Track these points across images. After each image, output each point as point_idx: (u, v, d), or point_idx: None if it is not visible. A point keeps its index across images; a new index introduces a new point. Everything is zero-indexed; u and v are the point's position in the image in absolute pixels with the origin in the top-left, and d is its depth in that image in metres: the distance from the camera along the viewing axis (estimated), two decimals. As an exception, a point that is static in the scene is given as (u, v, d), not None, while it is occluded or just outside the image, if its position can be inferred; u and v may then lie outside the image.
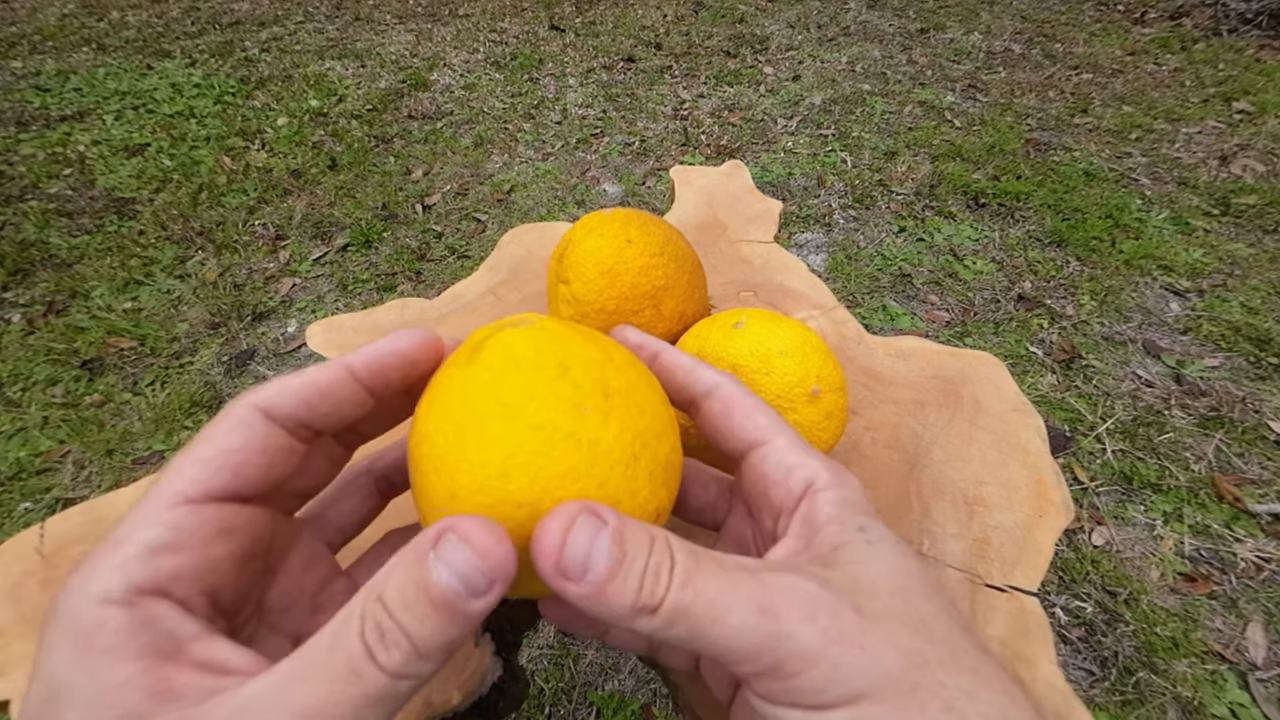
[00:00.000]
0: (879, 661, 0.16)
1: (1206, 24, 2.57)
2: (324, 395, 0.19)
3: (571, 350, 0.20)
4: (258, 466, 0.18)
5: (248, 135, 2.09)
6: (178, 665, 0.15)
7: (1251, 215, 1.60)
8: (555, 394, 0.19)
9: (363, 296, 1.52)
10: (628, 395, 0.20)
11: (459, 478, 0.18)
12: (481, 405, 0.19)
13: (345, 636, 0.15)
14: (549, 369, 0.19)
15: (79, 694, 0.14)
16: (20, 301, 1.48)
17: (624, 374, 0.21)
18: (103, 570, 0.15)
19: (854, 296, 1.47)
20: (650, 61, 2.56)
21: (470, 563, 0.15)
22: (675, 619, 0.16)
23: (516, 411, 0.18)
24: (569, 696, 0.87)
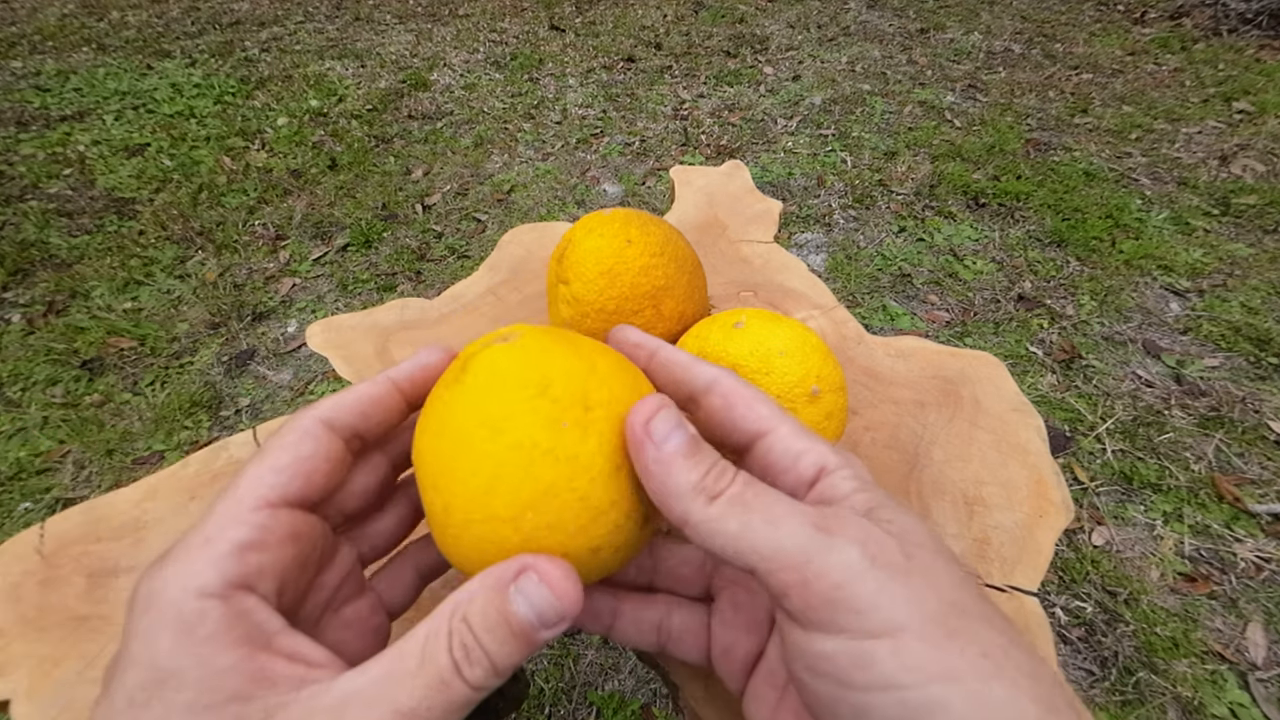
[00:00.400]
0: (922, 601, 0.17)
1: (1206, 24, 2.57)
2: (376, 406, 0.22)
3: (554, 364, 0.21)
4: (325, 475, 0.20)
5: (248, 135, 2.09)
6: (270, 654, 0.17)
7: (1251, 215, 1.60)
8: (534, 411, 0.20)
9: (363, 296, 1.52)
10: (609, 407, 0.21)
11: (451, 494, 0.20)
12: (467, 425, 0.20)
13: (435, 650, 0.17)
14: (530, 386, 0.20)
15: (189, 677, 0.16)
16: (20, 301, 1.48)
17: (606, 384, 0.21)
18: (199, 565, 0.17)
19: (854, 296, 1.47)
20: (650, 61, 2.56)
21: (546, 600, 0.18)
22: (731, 511, 0.18)
23: (498, 431, 0.19)
24: (569, 696, 0.87)
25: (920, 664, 0.16)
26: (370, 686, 0.16)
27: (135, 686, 0.16)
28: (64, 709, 0.27)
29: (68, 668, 0.29)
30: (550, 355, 0.21)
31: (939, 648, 0.16)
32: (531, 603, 0.18)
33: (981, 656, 0.16)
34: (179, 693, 0.15)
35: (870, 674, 0.16)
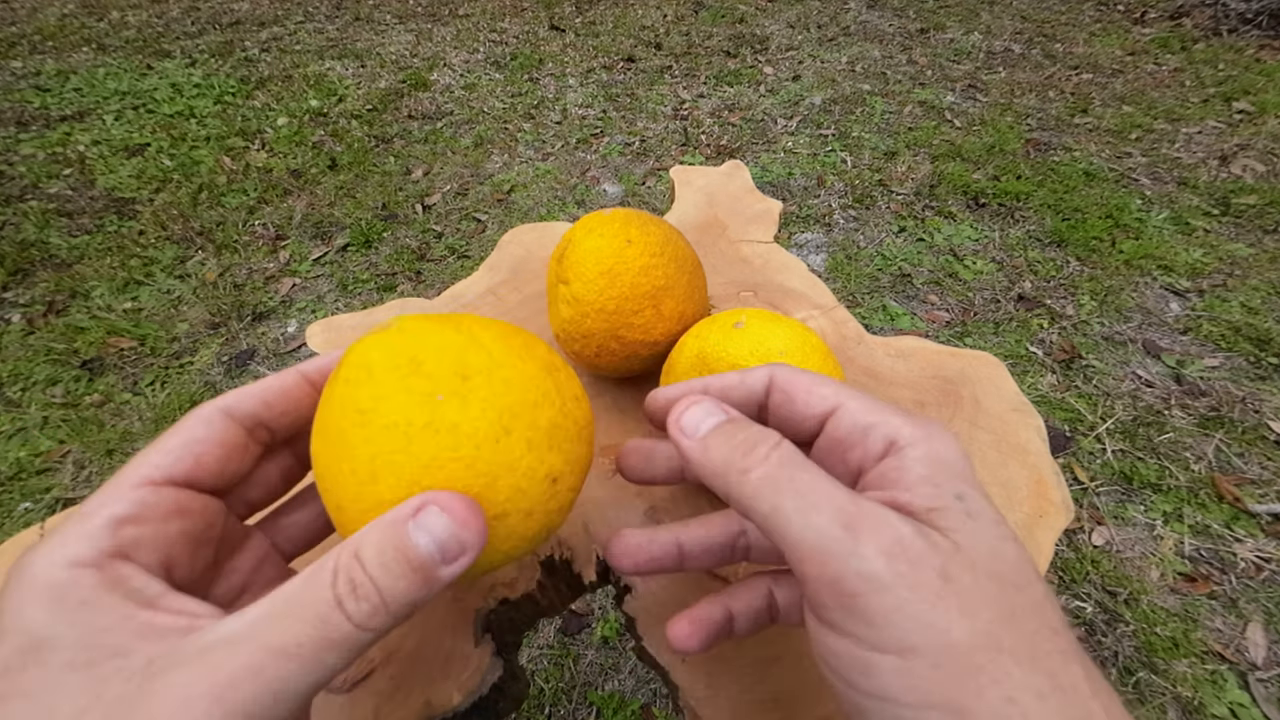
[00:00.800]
0: (945, 627, 0.15)
1: (1206, 24, 2.57)
2: (280, 395, 0.22)
3: (426, 343, 0.20)
4: (216, 458, 0.20)
5: (248, 135, 2.09)
6: (154, 611, 0.17)
7: (1251, 215, 1.60)
8: (406, 389, 0.19)
9: (363, 296, 1.52)
10: (490, 373, 0.20)
11: (338, 490, 0.19)
12: (342, 417, 0.20)
13: (317, 586, 0.16)
14: (400, 367, 0.20)
15: (64, 641, 0.15)
16: (20, 301, 1.48)
17: (487, 352, 0.21)
18: (70, 539, 0.17)
19: (854, 296, 1.47)
20: (650, 61, 2.56)
21: (448, 529, 0.17)
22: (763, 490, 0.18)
23: (371, 416, 0.19)
24: (569, 696, 0.87)
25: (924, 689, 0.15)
26: (245, 626, 0.16)
27: (9, 655, 0.15)
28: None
29: (68, 668, 0.29)
30: (423, 335, 0.21)
31: (952, 680, 0.15)
32: (433, 534, 0.17)
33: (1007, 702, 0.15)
34: (55, 654, 0.15)
35: (870, 683, 0.16)
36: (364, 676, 0.29)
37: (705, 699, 0.29)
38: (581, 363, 0.38)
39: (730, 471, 0.19)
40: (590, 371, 0.42)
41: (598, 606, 0.97)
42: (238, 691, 0.15)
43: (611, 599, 0.95)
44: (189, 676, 0.15)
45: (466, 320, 0.22)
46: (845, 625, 0.16)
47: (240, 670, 0.15)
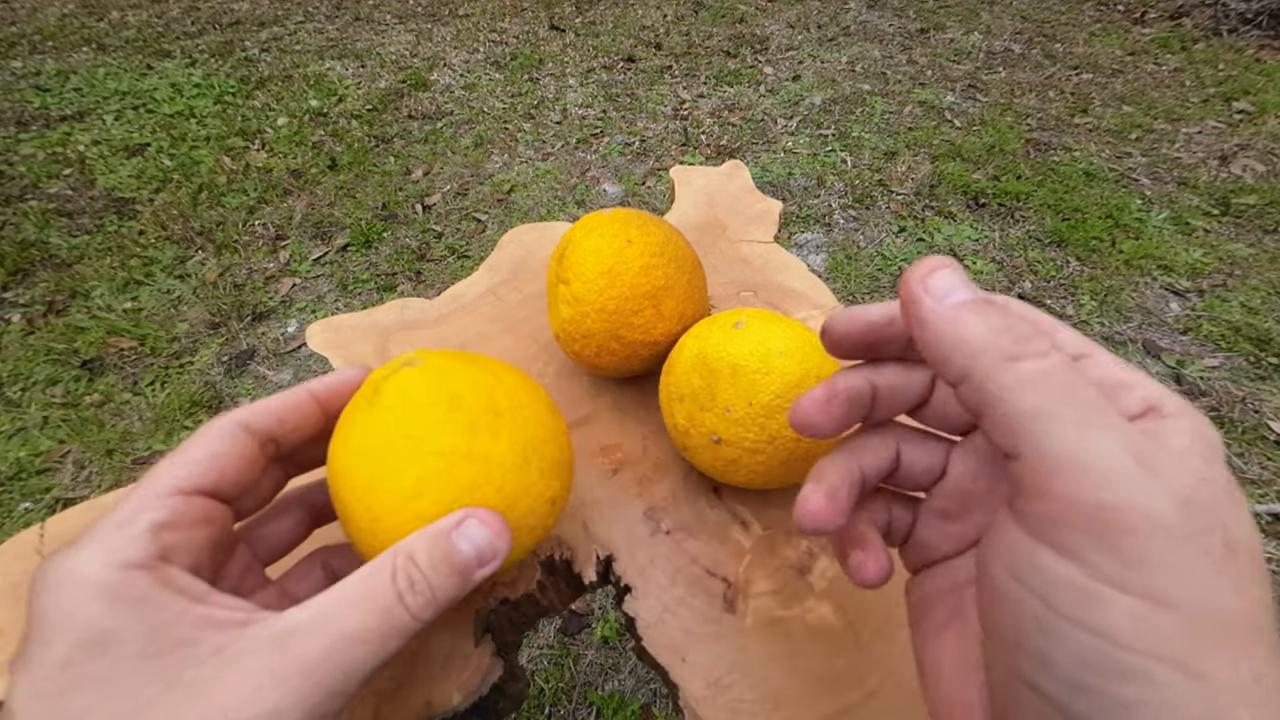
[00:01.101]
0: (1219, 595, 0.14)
1: (1206, 24, 2.57)
2: (293, 413, 0.23)
3: (462, 381, 0.24)
4: (237, 470, 0.21)
5: (248, 135, 2.09)
6: (208, 606, 0.18)
7: (1251, 215, 1.60)
8: (450, 421, 0.23)
9: (363, 296, 1.52)
10: (515, 412, 0.24)
11: (378, 502, 0.22)
12: (390, 440, 0.22)
13: (379, 583, 0.19)
14: (442, 402, 0.23)
15: (130, 633, 0.17)
16: (20, 301, 1.48)
17: (512, 394, 0.25)
18: (115, 543, 0.18)
19: (854, 296, 1.47)
20: (650, 61, 2.56)
21: (486, 539, 0.21)
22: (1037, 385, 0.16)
23: (419, 442, 0.22)
24: (569, 696, 0.87)
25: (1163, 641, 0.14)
26: (313, 617, 0.18)
27: (71, 649, 0.16)
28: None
29: (68, 668, 0.29)
30: (455, 373, 0.24)
31: (1202, 643, 0.14)
32: (473, 542, 0.20)
33: (1254, 679, 0.14)
34: (124, 646, 0.16)
35: (1088, 613, 0.14)
36: (364, 676, 0.29)
37: (705, 699, 0.29)
38: (581, 363, 0.38)
39: (990, 353, 0.16)
40: (590, 371, 0.42)
41: (598, 606, 0.98)
42: (319, 670, 0.17)
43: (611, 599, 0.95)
44: (270, 659, 0.17)
45: (485, 360, 0.26)
46: (1085, 553, 0.15)
47: (320, 652, 0.17)
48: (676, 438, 0.34)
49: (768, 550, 0.33)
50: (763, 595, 0.31)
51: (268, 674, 0.16)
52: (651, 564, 0.33)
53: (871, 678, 0.29)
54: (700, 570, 0.32)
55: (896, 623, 0.30)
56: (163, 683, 0.16)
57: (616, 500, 0.36)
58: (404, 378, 0.24)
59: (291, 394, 0.24)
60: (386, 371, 0.24)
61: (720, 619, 0.31)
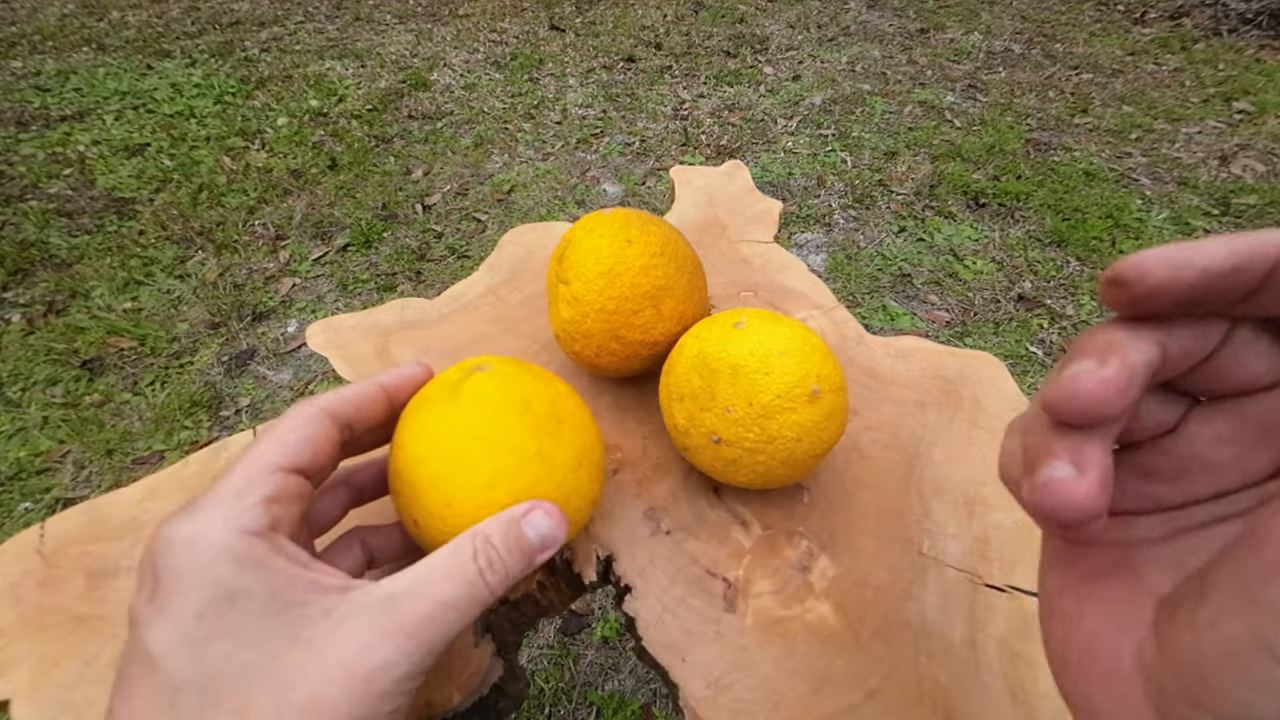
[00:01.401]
0: None
1: (1206, 24, 2.57)
2: (367, 401, 0.26)
3: (529, 388, 0.27)
4: (325, 454, 0.24)
5: (248, 135, 2.09)
6: (315, 572, 0.21)
7: (1251, 215, 1.60)
8: (521, 424, 0.26)
9: (363, 296, 1.52)
10: (571, 420, 0.28)
11: (454, 490, 0.25)
12: (468, 436, 0.25)
13: (463, 561, 0.21)
14: (514, 405, 0.26)
15: (256, 591, 0.19)
16: (20, 301, 1.48)
17: (566, 404, 0.28)
18: (238, 511, 0.20)
19: (854, 296, 1.47)
20: (650, 61, 2.56)
21: (549, 527, 0.24)
22: None
23: (495, 440, 0.25)
24: (569, 696, 0.87)
25: None
26: (412, 585, 0.20)
27: (204, 603, 0.18)
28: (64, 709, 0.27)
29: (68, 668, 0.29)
30: (523, 381, 0.28)
31: None
32: (538, 529, 0.23)
33: None
34: (251, 602, 0.19)
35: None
36: (364, 676, 0.29)
37: (705, 699, 0.29)
38: (581, 363, 0.38)
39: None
40: (590, 371, 0.42)
41: (598, 606, 0.98)
42: (421, 630, 0.19)
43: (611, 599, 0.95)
44: (378, 619, 0.19)
45: (541, 372, 0.30)
46: None
47: (422, 615, 0.20)
48: (676, 438, 0.34)
49: (768, 550, 0.33)
50: (763, 595, 0.31)
51: (378, 631, 0.19)
52: (651, 564, 0.33)
53: (871, 678, 0.29)
54: (700, 570, 0.32)
55: (896, 622, 0.30)
56: (285, 638, 0.19)
57: (616, 500, 0.36)
58: (480, 381, 0.27)
59: (365, 385, 0.26)
60: (460, 374, 0.27)
61: (720, 619, 0.31)
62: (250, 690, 0.18)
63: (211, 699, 0.17)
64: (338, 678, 0.18)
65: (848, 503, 0.36)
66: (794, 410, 0.30)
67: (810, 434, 0.31)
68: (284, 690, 0.18)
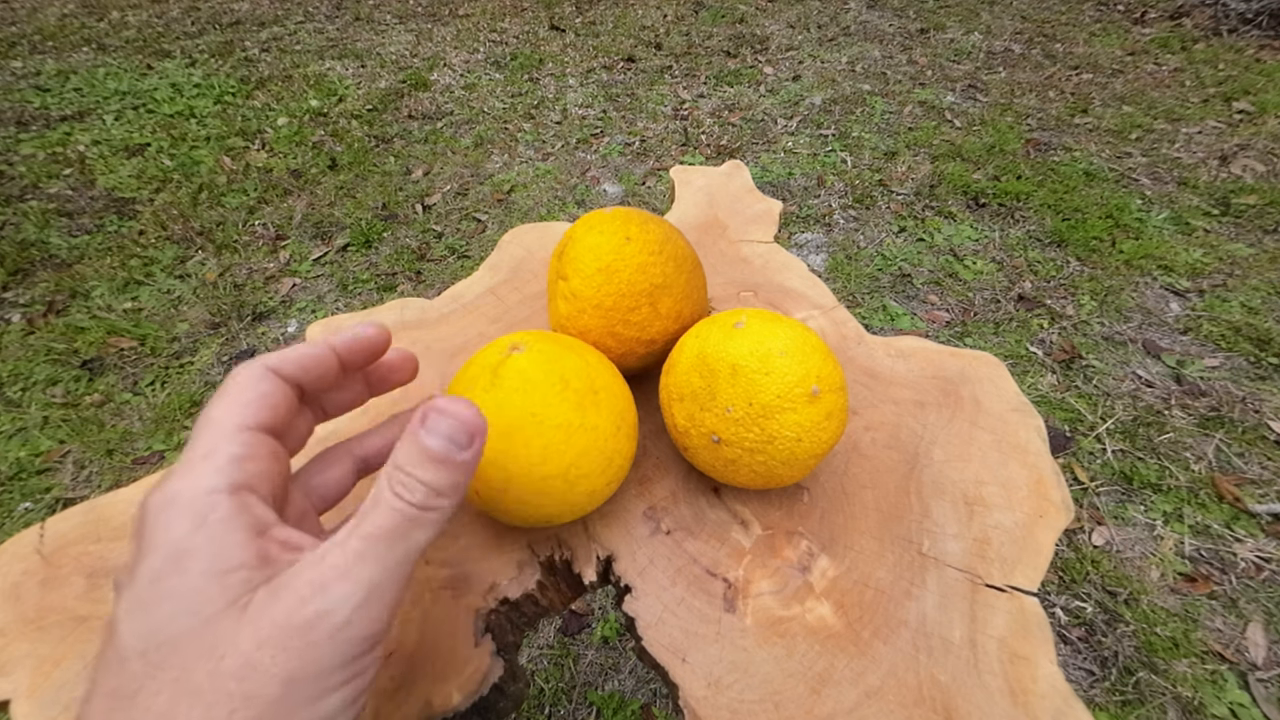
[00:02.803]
0: None
1: (1206, 24, 2.57)
2: (314, 361, 0.25)
3: (565, 364, 0.29)
4: (283, 410, 0.23)
5: (248, 135, 2.09)
6: (267, 540, 0.20)
7: (1251, 215, 1.60)
8: (564, 400, 0.28)
9: (363, 296, 1.51)
10: (608, 389, 0.30)
11: (510, 466, 0.27)
12: (517, 417, 0.27)
13: (380, 493, 0.21)
14: (555, 384, 0.28)
15: (203, 552, 0.19)
16: (20, 301, 1.48)
17: (601, 373, 0.30)
18: (206, 471, 0.20)
19: (854, 296, 1.47)
20: (650, 61, 2.56)
21: (451, 427, 0.21)
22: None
23: (542, 418, 0.27)
24: (569, 696, 0.87)
25: None
26: (343, 534, 0.20)
27: (158, 565, 0.18)
28: (64, 709, 0.27)
29: (68, 668, 0.29)
30: (559, 357, 0.29)
31: None
32: (439, 433, 0.21)
33: None
34: (195, 563, 0.18)
35: None
36: (364, 676, 0.29)
37: (705, 699, 0.29)
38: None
39: None
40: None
41: (598, 606, 0.97)
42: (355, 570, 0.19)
43: (611, 599, 0.95)
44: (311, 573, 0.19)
45: (576, 344, 0.31)
46: None
47: (353, 554, 0.19)
48: (676, 438, 0.34)
49: (768, 550, 0.33)
50: (763, 595, 0.31)
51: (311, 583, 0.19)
52: (651, 564, 0.33)
53: (871, 678, 0.29)
54: (700, 570, 0.32)
55: (896, 622, 0.30)
56: (220, 603, 0.18)
57: (616, 500, 0.35)
58: (518, 362, 0.28)
59: (312, 346, 0.25)
60: (499, 355, 0.29)
61: (720, 619, 0.31)
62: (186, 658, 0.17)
63: (155, 666, 0.17)
64: (271, 639, 0.18)
65: (848, 503, 0.36)
66: (794, 410, 0.30)
67: (810, 434, 0.31)
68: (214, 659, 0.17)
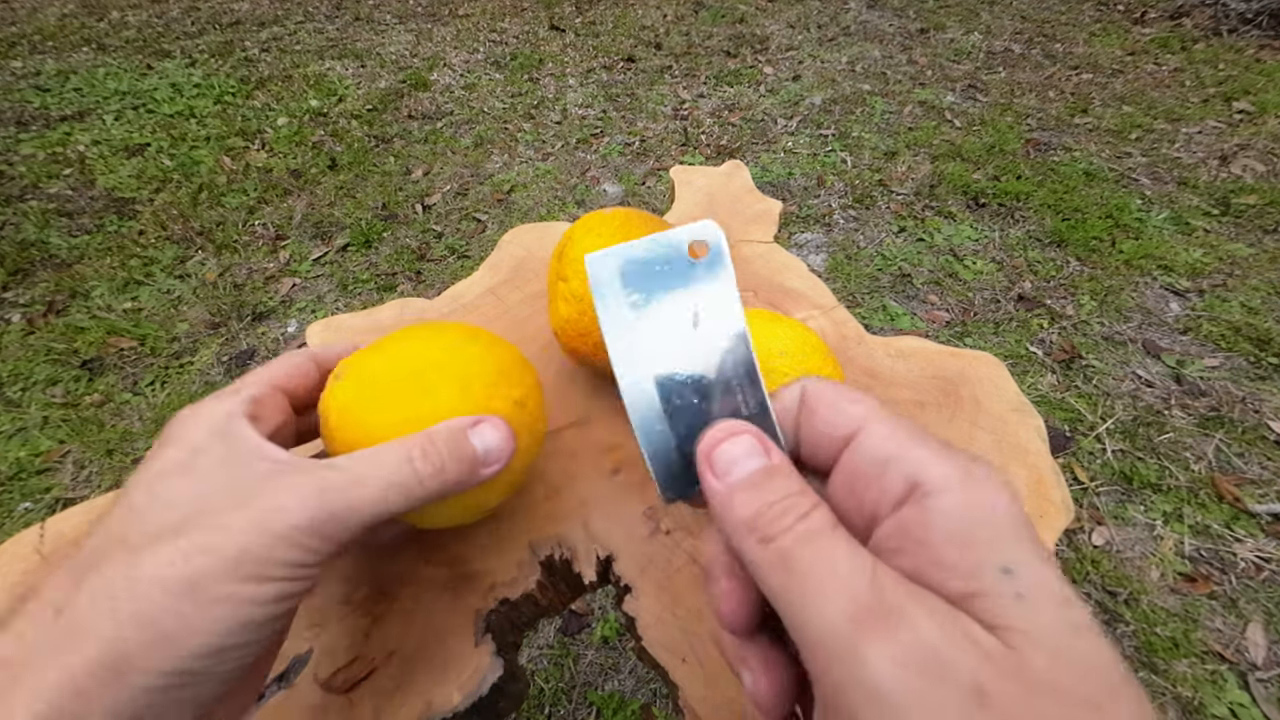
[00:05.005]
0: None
1: (1206, 24, 2.57)
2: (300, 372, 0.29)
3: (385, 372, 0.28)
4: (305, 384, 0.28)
5: (248, 135, 2.09)
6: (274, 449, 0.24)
7: (1251, 215, 1.60)
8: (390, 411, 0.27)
9: (363, 296, 1.51)
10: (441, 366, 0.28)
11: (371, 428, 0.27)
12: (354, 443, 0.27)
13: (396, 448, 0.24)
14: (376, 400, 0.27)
15: (216, 451, 0.23)
16: (20, 301, 1.48)
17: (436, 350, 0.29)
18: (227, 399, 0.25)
19: (854, 296, 1.47)
20: (650, 61, 2.56)
21: (497, 441, 0.26)
22: (776, 567, 0.15)
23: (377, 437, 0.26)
24: (569, 696, 0.87)
25: None
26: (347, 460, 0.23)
27: (175, 453, 0.23)
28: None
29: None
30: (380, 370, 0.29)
31: None
32: (485, 442, 0.26)
33: None
34: (208, 457, 0.23)
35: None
36: (364, 676, 0.29)
37: (705, 699, 0.29)
38: (580, 360, 0.38)
39: (752, 535, 0.16)
40: (589, 369, 0.42)
41: (598, 606, 0.97)
42: (331, 493, 0.22)
43: (611, 599, 0.95)
44: (300, 480, 0.22)
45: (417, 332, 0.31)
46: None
47: (338, 480, 0.22)
48: (676, 438, 0.34)
49: (768, 550, 0.33)
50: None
51: (293, 484, 0.22)
52: (651, 564, 0.33)
53: (871, 678, 0.29)
54: (700, 570, 0.32)
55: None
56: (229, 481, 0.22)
57: (616, 500, 0.35)
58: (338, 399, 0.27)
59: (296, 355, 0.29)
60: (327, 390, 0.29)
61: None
62: (185, 519, 0.21)
63: (154, 520, 0.21)
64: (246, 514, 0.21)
65: (848, 503, 0.36)
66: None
67: (810, 434, 0.31)
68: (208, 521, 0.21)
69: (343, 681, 0.29)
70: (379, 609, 0.31)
